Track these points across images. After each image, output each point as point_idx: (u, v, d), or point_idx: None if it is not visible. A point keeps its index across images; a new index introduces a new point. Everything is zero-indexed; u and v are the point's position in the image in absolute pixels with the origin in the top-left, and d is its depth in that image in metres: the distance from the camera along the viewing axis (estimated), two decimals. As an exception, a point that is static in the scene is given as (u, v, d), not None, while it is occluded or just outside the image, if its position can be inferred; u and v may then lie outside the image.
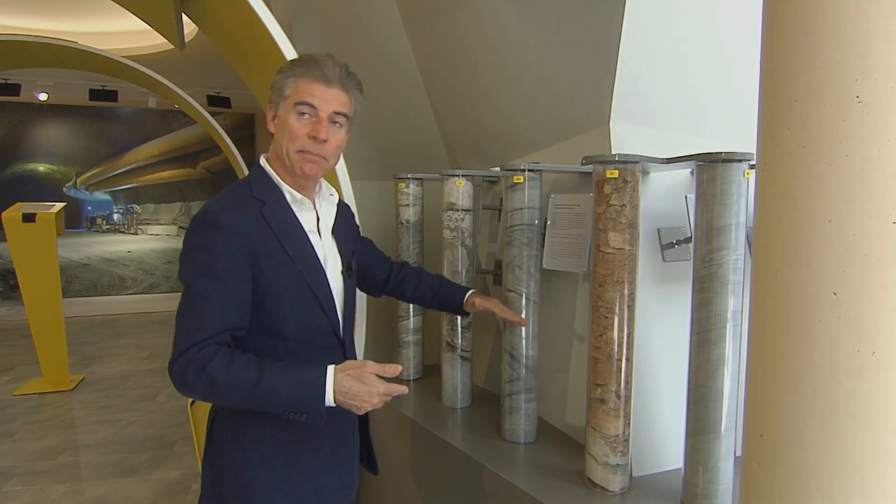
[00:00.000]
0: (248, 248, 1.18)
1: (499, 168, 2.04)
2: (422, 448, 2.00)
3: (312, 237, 1.30)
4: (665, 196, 1.67)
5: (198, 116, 5.44)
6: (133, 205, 8.82)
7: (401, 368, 1.17)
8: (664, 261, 1.67)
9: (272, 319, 1.23)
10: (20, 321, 7.09)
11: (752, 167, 1.31)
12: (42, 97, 7.68)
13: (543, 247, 1.77)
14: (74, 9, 6.20)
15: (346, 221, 1.48)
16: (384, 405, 1.17)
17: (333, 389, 1.11)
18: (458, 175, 2.00)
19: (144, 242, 8.85)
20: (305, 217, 1.30)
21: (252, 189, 1.26)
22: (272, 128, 1.29)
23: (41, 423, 4.20)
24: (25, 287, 4.84)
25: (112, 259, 8.66)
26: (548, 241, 1.78)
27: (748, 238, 1.40)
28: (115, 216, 8.74)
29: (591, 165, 1.47)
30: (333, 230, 1.38)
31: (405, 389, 1.17)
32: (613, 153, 1.52)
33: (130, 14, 3.06)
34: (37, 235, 4.79)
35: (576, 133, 1.86)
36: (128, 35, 6.59)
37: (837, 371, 0.70)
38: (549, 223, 1.79)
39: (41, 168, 8.25)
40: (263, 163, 1.31)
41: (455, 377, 2.07)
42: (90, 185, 8.53)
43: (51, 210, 4.89)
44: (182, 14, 2.63)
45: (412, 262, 2.28)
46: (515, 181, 1.70)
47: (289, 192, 1.28)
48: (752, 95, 0.85)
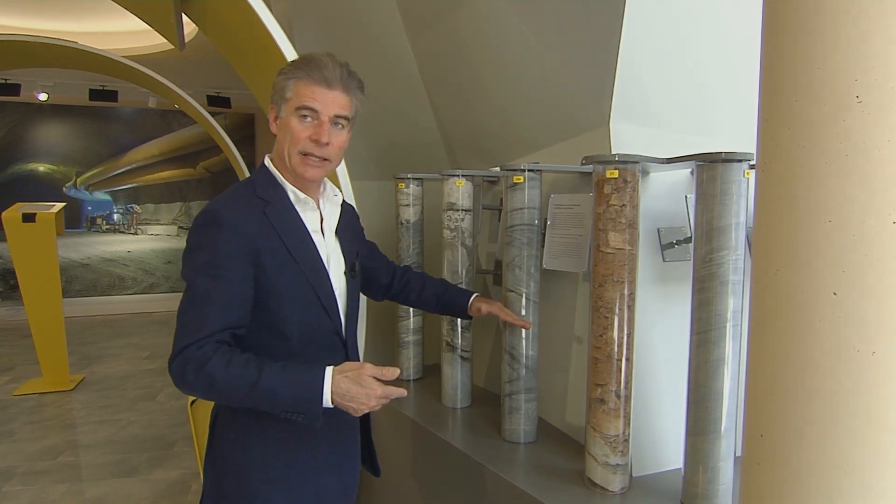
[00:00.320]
0: (251, 248, 1.18)
1: (499, 168, 2.04)
2: (422, 448, 2.00)
3: (316, 237, 1.30)
4: (665, 196, 1.67)
5: (198, 116, 5.44)
6: (133, 205, 8.82)
7: (399, 372, 1.17)
8: (664, 261, 1.67)
9: (274, 319, 1.23)
10: (20, 321, 7.09)
11: (752, 167, 1.30)
12: (42, 97, 7.68)
13: (543, 247, 1.77)
14: (74, 9, 6.20)
15: (351, 222, 1.48)
16: (383, 406, 1.17)
17: (331, 391, 1.11)
18: (458, 175, 2.00)
19: (144, 242, 8.85)
20: (309, 217, 1.31)
21: (256, 189, 1.26)
22: (275, 129, 1.29)
23: (41, 423, 4.20)
24: (25, 287, 4.85)
25: (112, 259, 8.66)
26: (548, 241, 1.78)
27: (748, 238, 1.40)
28: (115, 216, 8.74)
29: (591, 165, 1.47)
30: (337, 231, 1.38)
31: (404, 392, 1.17)
32: (613, 153, 1.52)
33: (130, 14, 3.06)
34: (37, 235, 4.79)
35: (576, 133, 1.86)
36: (128, 35, 6.59)
37: (837, 371, 0.70)
38: (549, 223, 1.79)
39: (41, 168, 8.25)
40: (268, 162, 1.31)
41: (455, 377, 2.07)
42: (90, 185, 8.53)
43: (51, 210, 4.89)
44: (182, 14, 2.63)
45: (412, 263, 2.28)
46: (515, 181, 1.70)
47: (292, 192, 1.28)
48: (753, 95, 0.85)
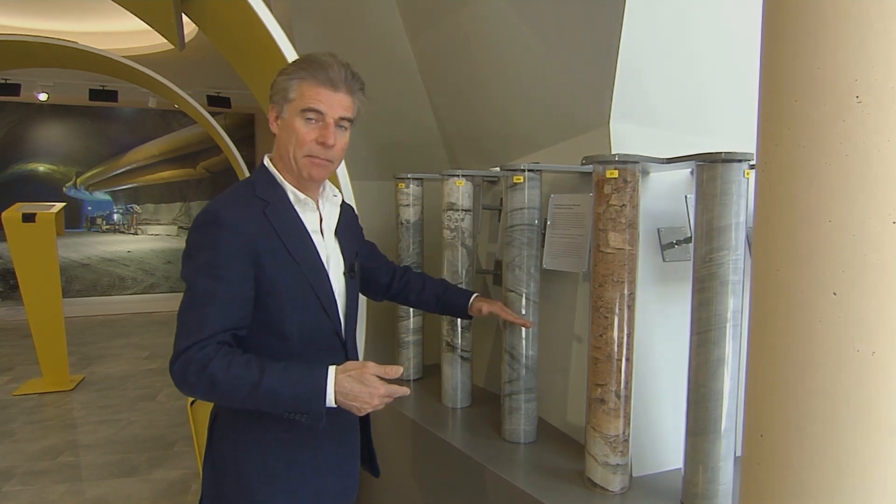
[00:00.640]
0: (251, 248, 1.18)
1: (499, 168, 2.04)
2: (422, 448, 2.00)
3: (315, 237, 1.30)
4: (665, 196, 1.67)
5: (198, 116, 5.44)
6: (133, 205, 8.82)
7: (402, 370, 1.17)
8: (664, 261, 1.67)
9: (274, 319, 1.23)
10: (20, 321, 7.09)
11: (752, 167, 1.30)
12: (42, 97, 7.67)
13: (543, 247, 1.77)
14: (74, 9, 6.20)
15: (350, 222, 1.48)
16: (384, 406, 1.17)
17: (334, 390, 1.11)
18: (458, 175, 2.00)
19: (144, 242, 8.85)
20: (308, 217, 1.30)
21: (255, 189, 1.26)
22: (275, 129, 1.28)
23: (41, 423, 4.20)
24: (25, 287, 4.84)
25: (112, 259, 8.65)
26: (548, 241, 1.78)
27: (748, 238, 1.40)
28: (115, 216, 8.74)
29: (591, 165, 1.47)
30: (336, 231, 1.38)
31: (406, 391, 1.17)
32: (613, 153, 1.52)
33: (130, 14, 3.06)
34: (37, 235, 4.79)
35: (576, 133, 1.86)
36: (128, 35, 6.59)
37: (837, 371, 0.70)
38: (549, 223, 1.79)
39: (41, 168, 8.25)
40: (267, 163, 1.31)
41: (455, 377, 2.07)
42: (90, 185, 8.53)
43: (51, 210, 4.89)
44: (182, 14, 2.63)
45: (412, 263, 2.28)
46: (515, 181, 1.70)
47: (292, 193, 1.28)
48: (753, 95, 0.85)
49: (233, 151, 5.54)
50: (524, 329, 1.72)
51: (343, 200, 1.43)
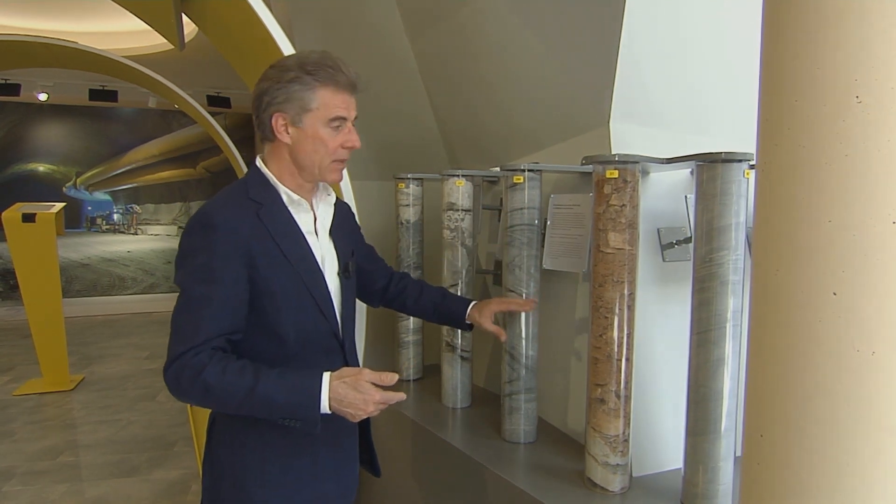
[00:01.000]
0: (244, 250, 1.17)
1: (499, 168, 2.04)
2: (422, 448, 2.00)
3: (310, 238, 1.29)
4: (665, 196, 1.67)
5: (198, 116, 5.44)
6: (133, 205, 8.83)
7: (397, 377, 1.15)
8: (664, 261, 1.67)
9: (270, 321, 1.21)
10: (20, 321, 7.09)
11: (752, 167, 1.30)
12: (42, 97, 7.68)
13: (543, 247, 1.77)
14: (74, 9, 6.20)
15: (345, 220, 1.46)
16: (379, 412, 1.16)
17: (329, 397, 1.11)
18: (458, 175, 2.00)
19: (144, 242, 8.86)
20: (303, 218, 1.29)
21: (248, 191, 1.24)
22: (286, 138, 1.23)
23: (41, 423, 4.20)
24: (25, 287, 4.84)
25: (112, 259, 8.66)
26: (548, 241, 1.78)
27: (748, 238, 1.40)
28: (115, 216, 8.74)
29: (591, 165, 1.47)
30: (331, 230, 1.36)
31: (403, 396, 1.16)
32: (613, 153, 1.52)
33: (130, 14, 3.06)
34: (37, 235, 4.79)
35: (576, 133, 1.86)
36: (128, 35, 6.59)
37: (837, 371, 0.70)
38: (549, 223, 1.79)
39: (41, 168, 8.25)
40: (259, 164, 1.28)
41: (455, 377, 2.07)
42: (90, 185, 8.53)
43: (51, 210, 4.89)
44: (182, 14, 2.63)
45: (412, 263, 2.28)
46: (515, 181, 1.70)
47: (285, 194, 1.26)
48: (753, 95, 0.85)
49: (233, 151, 5.54)
50: (524, 329, 1.72)
51: (336, 199, 1.41)
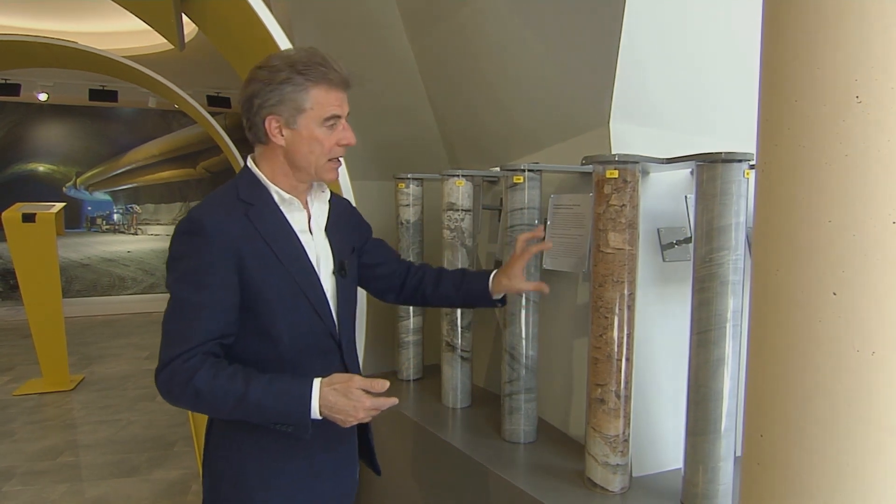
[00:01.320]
0: (234, 252, 1.15)
1: (499, 168, 2.04)
2: (422, 448, 2.00)
3: (304, 237, 1.26)
4: (665, 196, 1.67)
5: (198, 116, 5.44)
6: (133, 205, 8.83)
7: (388, 384, 1.13)
8: (664, 261, 1.67)
9: (264, 323, 1.20)
10: (20, 321, 7.09)
11: (752, 167, 1.30)
12: (42, 97, 7.68)
13: (543, 247, 1.77)
14: (74, 9, 6.20)
15: (342, 216, 1.41)
16: (371, 418, 1.15)
17: (319, 403, 1.10)
18: (458, 175, 2.00)
19: (144, 242, 8.86)
20: (296, 217, 1.27)
21: (238, 192, 1.22)
22: (280, 140, 1.21)
23: (41, 423, 4.20)
24: (25, 287, 4.84)
25: (112, 259, 8.66)
26: (548, 241, 1.78)
27: (748, 238, 1.40)
28: (115, 216, 8.74)
29: (591, 165, 1.47)
30: (326, 228, 1.34)
31: (395, 401, 1.14)
32: (613, 153, 1.52)
33: (130, 14, 3.06)
34: (37, 235, 4.79)
35: (576, 133, 1.86)
36: (128, 35, 6.59)
37: (837, 371, 0.70)
38: (549, 223, 1.79)
39: (41, 168, 8.25)
40: (251, 164, 1.27)
41: (455, 377, 2.07)
42: (90, 185, 8.53)
43: (51, 210, 4.89)
44: (182, 14, 2.63)
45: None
46: (515, 181, 1.70)
47: (276, 193, 1.24)
48: (753, 95, 0.85)
49: (233, 151, 5.54)
50: (524, 329, 1.72)
51: (332, 195, 1.38)
